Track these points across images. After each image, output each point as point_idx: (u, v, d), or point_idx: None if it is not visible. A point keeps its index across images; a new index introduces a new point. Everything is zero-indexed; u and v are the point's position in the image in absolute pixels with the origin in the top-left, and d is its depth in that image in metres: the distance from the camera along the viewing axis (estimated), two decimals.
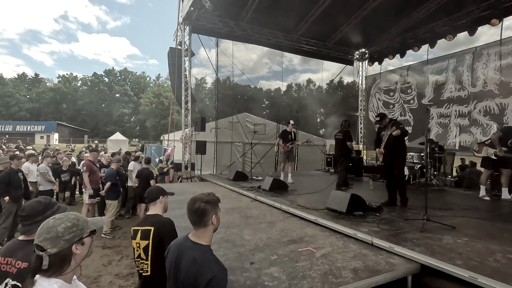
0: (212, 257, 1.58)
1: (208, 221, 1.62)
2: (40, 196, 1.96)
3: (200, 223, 1.62)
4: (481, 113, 8.96)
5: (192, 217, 1.63)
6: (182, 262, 1.57)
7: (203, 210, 1.60)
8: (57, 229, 1.15)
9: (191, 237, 1.66)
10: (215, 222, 1.66)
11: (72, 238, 1.17)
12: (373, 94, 12.96)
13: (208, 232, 1.65)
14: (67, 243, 1.15)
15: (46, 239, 1.13)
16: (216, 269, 1.50)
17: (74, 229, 1.19)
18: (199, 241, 1.62)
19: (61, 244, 1.14)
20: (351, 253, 2.90)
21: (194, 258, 1.54)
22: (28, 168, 6.83)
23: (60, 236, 1.14)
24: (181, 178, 9.20)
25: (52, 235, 1.13)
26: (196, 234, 1.65)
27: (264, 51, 48.84)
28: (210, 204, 1.64)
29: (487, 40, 10.73)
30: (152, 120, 56.21)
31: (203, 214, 1.61)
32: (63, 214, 1.22)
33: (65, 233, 1.15)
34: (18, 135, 38.68)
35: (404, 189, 4.99)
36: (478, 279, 2.23)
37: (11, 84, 58.95)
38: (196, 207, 1.61)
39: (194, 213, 1.61)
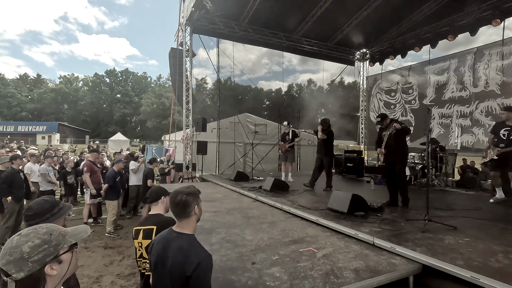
0: (198, 244, 1.65)
1: (191, 212, 1.69)
2: (42, 196, 1.96)
3: (183, 214, 1.68)
4: (483, 113, 8.93)
5: (175, 209, 1.69)
6: (168, 252, 1.61)
7: (185, 201, 1.66)
8: (22, 249, 0.93)
9: (175, 228, 1.72)
10: (197, 212, 1.73)
11: (43, 258, 0.95)
12: (374, 95, 12.95)
13: (192, 222, 1.71)
14: (38, 264, 0.93)
15: (9, 261, 0.91)
16: (202, 255, 1.57)
17: (45, 247, 0.96)
18: (184, 231, 1.68)
19: (29, 267, 0.91)
20: (353, 253, 2.90)
21: (180, 246, 1.60)
22: (30, 168, 6.85)
23: (26, 257, 0.92)
24: (182, 179, 9.20)
25: (16, 257, 0.91)
26: (180, 225, 1.70)
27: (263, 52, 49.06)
28: (191, 196, 1.70)
29: (486, 39, 10.73)
30: (153, 120, 56.32)
31: (185, 205, 1.67)
32: (32, 228, 1.00)
33: (32, 253, 0.93)
34: (19, 135, 38.78)
35: (406, 189, 4.98)
36: (480, 280, 2.23)
37: (12, 84, 59.15)
38: (179, 199, 1.67)
39: (177, 205, 1.67)
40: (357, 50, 12.98)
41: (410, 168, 7.69)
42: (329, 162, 6.68)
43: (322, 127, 6.64)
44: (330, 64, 13.40)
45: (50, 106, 59.21)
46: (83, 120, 60.55)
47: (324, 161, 6.61)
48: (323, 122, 6.74)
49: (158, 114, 55.77)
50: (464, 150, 9.36)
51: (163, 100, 57.11)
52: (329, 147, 6.67)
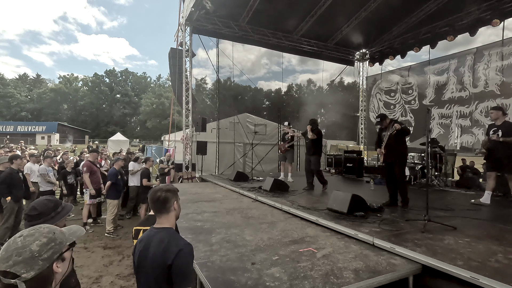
0: (177, 235, 1.74)
1: (170, 207, 1.76)
2: (42, 196, 1.97)
3: (163, 209, 1.74)
4: (483, 113, 8.94)
5: (155, 205, 1.75)
6: (150, 248, 1.65)
7: (165, 197, 1.74)
8: (31, 248, 0.93)
9: (155, 226, 1.77)
10: (176, 208, 1.80)
11: (52, 256, 0.96)
12: (373, 95, 12.96)
13: (171, 218, 1.78)
14: (47, 262, 0.94)
15: (17, 262, 0.90)
16: (182, 243, 1.63)
17: (52, 245, 0.98)
18: (163, 226, 1.74)
19: (39, 265, 0.92)
20: (352, 254, 2.90)
21: (160, 239, 1.65)
22: (30, 168, 6.85)
23: (36, 256, 0.93)
24: (181, 179, 9.20)
25: (26, 256, 0.91)
26: (160, 221, 1.76)
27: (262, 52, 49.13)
28: (170, 192, 1.78)
29: (485, 40, 10.75)
30: (152, 120, 56.29)
31: (165, 201, 1.74)
32: (33, 229, 1.00)
33: (42, 251, 0.94)
34: (19, 135, 38.75)
35: (405, 189, 4.98)
36: (480, 280, 2.23)
37: (12, 84, 59.10)
38: (158, 195, 1.74)
39: (157, 201, 1.74)
40: (357, 50, 12.98)
41: (410, 168, 7.70)
42: (317, 162, 6.62)
43: (311, 127, 6.59)
44: (329, 64, 13.43)
45: (50, 106, 59.15)
46: (82, 120, 60.50)
47: (312, 161, 6.60)
48: (312, 122, 6.69)
49: (158, 114, 55.76)
50: (464, 150, 9.37)
51: (163, 100, 57.10)
52: (318, 147, 6.65)
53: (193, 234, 3.51)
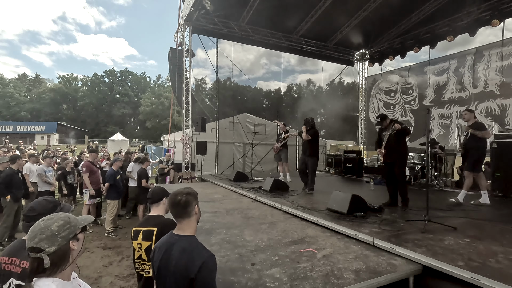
0: (200, 245, 1.64)
1: (191, 212, 1.68)
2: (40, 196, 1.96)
3: (184, 214, 1.67)
4: (482, 114, 8.94)
5: (176, 209, 1.68)
6: (171, 256, 1.59)
7: (186, 201, 1.66)
8: (51, 228, 1.16)
9: (176, 231, 1.70)
10: (197, 212, 1.73)
11: (68, 235, 1.19)
12: (373, 95, 12.96)
13: (192, 223, 1.70)
14: (64, 240, 1.17)
15: (42, 239, 1.13)
16: (206, 255, 1.56)
17: (68, 226, 1.20)
18: (185, 233, 1.67)
19: (58, 242, 1.15)
20: (353, 254, 2.90)
21: (182, 248, 1.58)
22: (29, 168, 6.83)
23: (56, 234, 1.15)
24: (181, 179, 9.19)
25: (48, 234, 1.14)
26: (181, 227, 1.69)
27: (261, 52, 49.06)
28: (191, 196, 1.70)
29: (484, 40, 10.76)
30: (152, 120, 56.26)
31: (186, 205, 1.66)
32: (52, 214, 1.23)
33: (60, 231, 1.17)
34: (18, 135, 38.66)
35: (405, 189, 4.98)
36: (480, 280, 2.22)
37: (11, 84, 59.02)
38: (179, 199, 1.67)
39: (178, 205, 1.66)
40: (357, 50, 12.98)
41: (410, 168, 7.69)
42: (314, 163, 6.32)
43: (306, 127, 6.37)
44: (328, 65, 13.41)
45: (49, 106, 59.09)
46: (82, 120, 60.44)
47: (308, 162, 6.32)
48: (306, 122, 6.44)
49: (158, 114, 55.73)
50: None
51: (163, 100, 57.08)
52: (314, 148, 6.36)
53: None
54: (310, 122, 6.42)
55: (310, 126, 6.39)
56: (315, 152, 6.36)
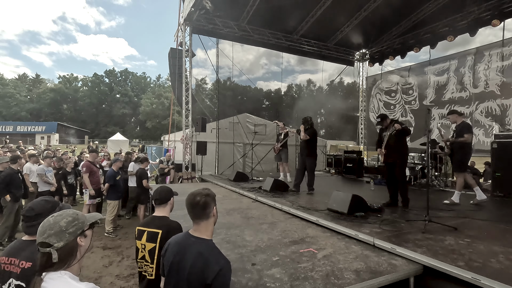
0: (217, 250, 1.63)
1: (210, 213, 1.67)
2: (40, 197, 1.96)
3: (203, 215, 1.65)
4: (483, 114, 8.94)
5: (194, 210, 1.65)
6: (186, 257, 1.57)
7: (205, 202, 1.65)
8: (60, 224, 1.20)
9: (192, 233, 1.67)
10: (215, 213, 1.72)
11: (76, 231, 1.22)
12: (373, 95, 12.95)
13: (210, 225, 1.69)
14: (72, 235, 1.21)
15: (50, 235, 1.17)
16: (222, 262, 1.55)
17: (76, 222, 1.24)
18: (202, 236, 1.65)
19: (66, 237, 1.19)
20: (353, 254, 2.89)
21: (199, 252, 1.56)
22: (29, 168, 6.83)
23: (64, 230, 1.19)
24: (181, 179, 9.19)
25: (57, 230, 1.18)
26: (198, 228, 1.66)
27: (261, 52, 49.08)
28: (210, 197, 1.69)
29: (483, 40, 10.76)
30: (152, 120, 56.26)
31: (205, 206, 1.65)
32: (61, 211, 1.28)
33: (68, 227, 1.21)
34: (18, 135, 38.67)
35: (406, 189, 4.98)
36: (481, 281, 2.22)
37: (11, 84, 59.05)
38: (198, 200, 1.65)
39: (196, 206, 1.64)
40: (357, 50, 12.98)
41: (410, 168, 7.69)
42: (312, 164, 6.23)
43: (304, 126, 6.22)
44: (328, 65, 13.41)
45: (49, 106, 59.09)
46: (82, 120, 60.44)
47: (307, 162, 6.20)
48: (304, 121, 6.27)
49: (158, 114, 55.74)
50: None
51: (163, 100, 57.09)
52: (313, 148, 6.22)
53: None
54: (309, 121, 6.29)
55: (308, 126, 6.26)
56: (313, 152, 6.24)
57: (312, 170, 6.24)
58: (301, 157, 6.43)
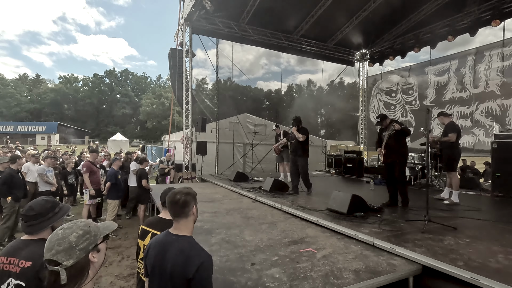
0: (198, 245, 1.65)
1: (189, 212, 1.68)
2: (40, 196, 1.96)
3: (182, 214, 1.67)
4: (483, 114, 8.94)
5: (174, 208, 1.68)
6: (168, 255, 1.59)
7: (185, 201, 1.67)
8: (69, 239, 1.05)
9: (172, 231, 1.69)
10: (195, 212, 1.73)
11: (87, 246, 1.08)
12: (374, 95, 12.95)
13: (190, 223, 1.71)
14: (83, 252, 1.06)
15: (59, 251, 1.03)
16: (204, 255, 1.57)
17: (87, 236, 1.10)
18: (182, 233, 1.67)
19: (76, 254, 1.04)
20: (352, 254, 2.89)
21: (180, 248, 1.58)
22: (28, 167, 6.83)
23: (74, 246, 1.05)
24: (181, 179, 9.19)
25: (65, 246, 1.04)
26: (178, 226, 1.68)
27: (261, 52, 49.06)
28: (190, 196, 1.70)
29: (483, 40, 10.76)
30: (152, 120, 56.29)
31: (184, 205, 1.66)
32: (71, 223, 1.13)
33: (78, 242, 1.06)
34: (19, 135, 38.76)
35: (405, 189, 4.98)
36: (480, 280, 2.22)
37: (12, 84, 59.12)
38: (178, 198, 1.67)
39: (176, 204, 1.66)
40: (357, 50, 12.98)
41: (410, 168, 7.68)
42: (306, 164, 6.09)
43: (297, 126, 6.03)
44: (329, 65, 13.42)
45: (50, 106, 59.15)
46: (82, 120, 60.49)
47: (300, 163, 6.05)
48: (297, 121, 6.09)
49: (158, 115, 55.77)
50: (465, 151, 9.37)
51: (163, 100, 57.12)
52: (306, 148, 6.08)
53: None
54: (300, 120, 6.13)
55: (300, 125, 6.11)
56: (306, 152, 6.09)
57: (306, 171, 6.11)
58: (293, 157, 6.21)
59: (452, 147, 5.38)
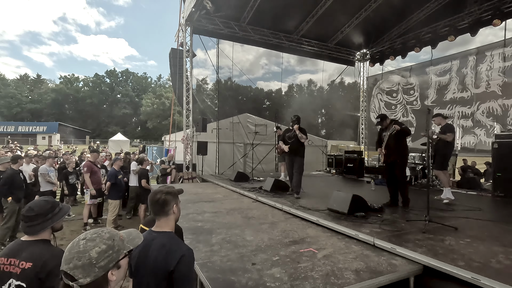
0: (178, 239, 1.71)
1: (169, 211, 1.72)
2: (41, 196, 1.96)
3: (162, 212, 1.71)
4: (484, 114, 8.93)
5: (154, 207, 1.72)
6: (150, 252, 1.62)
7: (164, 200, 1.70)
8: (90, 254, 0.95)
9: (154, 229, 1.73)
10: (176, 211, 1.76)
11: (108, 264, 0.97)
12: (374, 95, 12.95)
13: (170, 221, 1.74)
14: (102, 270, 0.96)
15: (77, 266, 0.93)
16: (184, 248, 1.62)
17: (110, 252, 0.98)
18: (163, 229, 1.71)
19: (95, 273, 0.94)
20: (353, 254, 2.90)
21: (161, 243, 1.62)
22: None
23: (94, 263, 0.95)
24: (182, 179, 9.20)
25: (85, 262, 0.94)
26: (159, 224, 1.72)
27: (260, 52, 49.03)
28: (170, 195, 1.74)
29: (483, 40, 10.76)
30: (153, 120, 56.32)
31: (164, 204, 1.70)
32: (95, 233, 1.02)
33: (100, 259, 0.96)
34: (20, 135, 38.85)
35: (406, 189, 4.97)
36: (481, 281, 2.22)
37: (13, 85, 59.20)
38: (158, 197, 1.70)
39: (156, 203, 1.70)
40: (357, 50, 12.97)
41: (411, 168, 7.68)
42: (302, 165, 5.87)
43: (298, 125, 5.80)
44: (329, 65, 13.41)
45: (51, 106, 59.21)
46: (83, 120, 60.55)
47: (298, 163, 5.81)
48: (298, 121, 5.86)
49: (159, 115, 55.78)
50: (466, 151, 9.37)
51: (164, 100, 57.13)
52: (304, 148, 5.89)
53: (193, 234, 3.50)
54: (299, 119, 5.93)
55: (300, 124, 5.89)
56: (303, 153, 5.90)
57: (302, 172, 5.90)
58: (292, 157, 5.91)
59: (447, 147, 5.52)
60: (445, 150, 5.56)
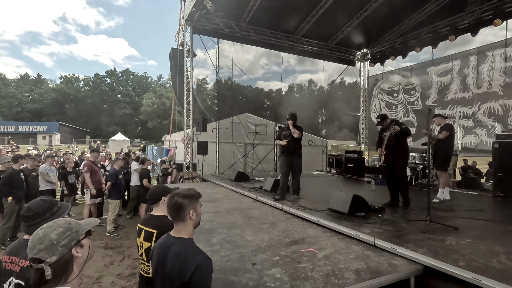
0: (195, 247, 1.59)
1: (185, 216, 1.62)
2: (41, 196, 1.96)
3: (177, 217, 1.63)
4: (485, 114, 8.92)
5: (170, 211, 1.64)
6: (167, 259, 1.57)
7: (180, 204, 1.61)
8: (50, 236, 1.07)
9: (172, 233, 1.67)
10: (193, 217, 1.65)
11: (69, 242, 1.10)
12: (375, 95, 12.93)
13: (188, 227, 1.65)
14: (65, 248, 1.09)
15: (41, 249, 1.05)
16: (200, 258, 1.52)
17: (69, 233, 1.11)
18: (181, 235, 1.63)
19: (59, 251, 1.07)
20: (353, 254, 2.89)
21: (177, 251, 1.55)
22: None
23: (55, 243, 1.07)
24: (182, 179, 9.20)
25: (47, 244, 1.06)
26: (177, 229, 1.65)
27: (260, 52, 49.05)
28: (187, 199, 1.64)
29: (484, 39, 10.74)
30: (153, 120, 56.35)
31: (179, 208, 1.61)
32: (52, 222, 1.15)
33: (60, 239, 1.08)
34: (20, 135, 38.91)
35: (407, 190, 4.96)
36: (482, 281, 2.21)
37: (13, 84, 59.27)
38: (174, 201, 1.62)
39: (172, 207, 1.62)
40: (358, 50, 12.96)
41: (411, 168, 7.67)
42: (301, 164, 5.66)
43: (293, 122, 5.56)
44: (329, 65, 13.41)
45: (51, 106, 59.25)
46: (84, 120, 60.59)
47: (295, 164, 5.58)
48: (294, 117, 5.60)
49: (159, 114, 55.80)
50: (467, 151, 9.35)
51: (164, 100, 57.14)
52: (301, 147, 5.65)
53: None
54: (296, 117, 5.69)
55: (296, 122, 5.66)
56: (301, 152, 5.67)
57: (300, 172, 5.71)
58: (290, 157, 5.59)
59: (446, 147, 5.53)
60: (445, 150, 5.57)
